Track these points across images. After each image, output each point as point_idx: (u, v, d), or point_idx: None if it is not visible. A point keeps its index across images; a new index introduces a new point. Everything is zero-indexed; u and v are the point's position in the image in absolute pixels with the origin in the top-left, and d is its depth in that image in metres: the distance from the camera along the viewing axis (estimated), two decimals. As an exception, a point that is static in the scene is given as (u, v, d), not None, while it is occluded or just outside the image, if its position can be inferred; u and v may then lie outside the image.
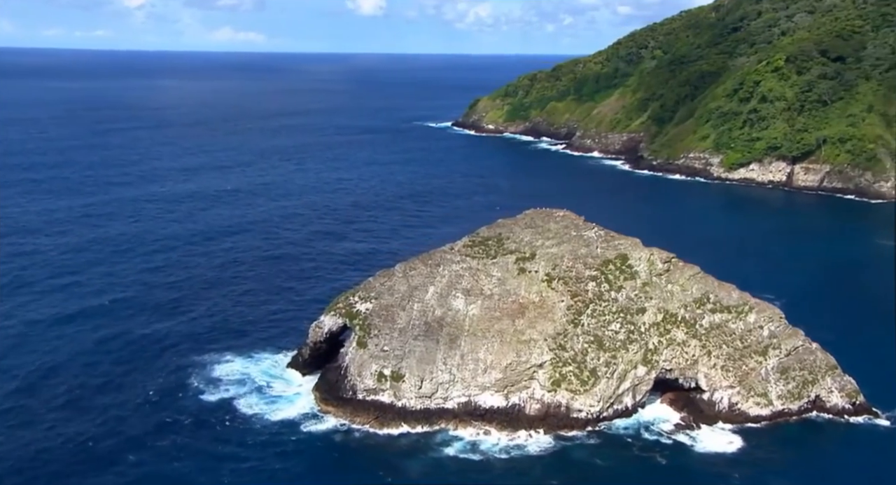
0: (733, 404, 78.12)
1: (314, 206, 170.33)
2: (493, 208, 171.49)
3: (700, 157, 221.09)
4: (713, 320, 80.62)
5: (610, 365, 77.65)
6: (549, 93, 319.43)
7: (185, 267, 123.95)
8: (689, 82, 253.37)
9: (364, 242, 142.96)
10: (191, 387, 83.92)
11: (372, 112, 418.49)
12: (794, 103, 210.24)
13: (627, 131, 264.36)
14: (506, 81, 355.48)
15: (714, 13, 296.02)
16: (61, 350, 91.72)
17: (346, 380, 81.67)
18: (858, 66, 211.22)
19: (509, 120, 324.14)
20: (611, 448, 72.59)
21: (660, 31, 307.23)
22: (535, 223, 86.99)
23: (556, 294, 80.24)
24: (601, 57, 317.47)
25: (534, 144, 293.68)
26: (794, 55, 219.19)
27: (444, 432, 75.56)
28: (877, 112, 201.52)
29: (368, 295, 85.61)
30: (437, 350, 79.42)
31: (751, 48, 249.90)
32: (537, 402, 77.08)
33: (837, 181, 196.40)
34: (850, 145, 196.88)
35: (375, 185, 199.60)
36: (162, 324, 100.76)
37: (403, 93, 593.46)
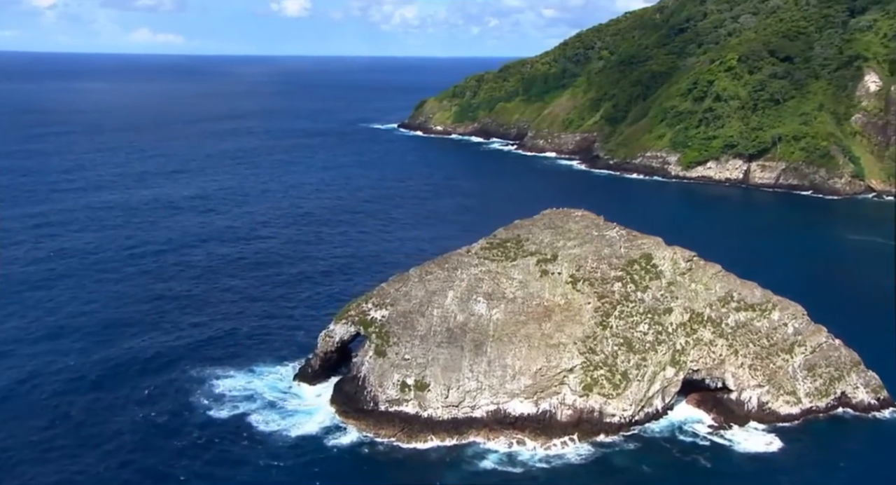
0: (763, 404, 77.42)
1: (282, 211, 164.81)
2: (465, 211, 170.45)
3: (657, 155, 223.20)
4: (738, 319, 79.87)
5: (640, 367, 76.06)
6: (498, 93, 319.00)
7: (161, 278, 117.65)
8: (640, 82, 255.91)
9: (343, 246, 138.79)
10: (196, 405, 78.94)
11: (311, 114, 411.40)
12: (748, 102, 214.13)
13: (580, 131, 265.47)
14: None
15: (658, 14, 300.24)
16: (42, 375, 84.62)
17: (365, 391, 78.06)
18: (807, 65, 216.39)
19: (458, 121, 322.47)
20: (651, 453, 70.93)
21: (606, 32, 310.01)
22: (555, 224, 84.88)
23: (582, 296, 78.25)
24: (548, 57, 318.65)
25: (485, 145, 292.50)
26: (745, 55, 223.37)
27: (475, 443, 72.70)
28: (827, 110, 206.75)
29: (383, 301, 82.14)
30: (463, 357, 76.53)
31: (699, 48, 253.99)
32: (569, 407, 74.90)
33: (793, 178, 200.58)
34: (804, 143, 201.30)
35: (338, 189, 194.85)
36: (148, 341, 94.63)
37: (337, 95, 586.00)
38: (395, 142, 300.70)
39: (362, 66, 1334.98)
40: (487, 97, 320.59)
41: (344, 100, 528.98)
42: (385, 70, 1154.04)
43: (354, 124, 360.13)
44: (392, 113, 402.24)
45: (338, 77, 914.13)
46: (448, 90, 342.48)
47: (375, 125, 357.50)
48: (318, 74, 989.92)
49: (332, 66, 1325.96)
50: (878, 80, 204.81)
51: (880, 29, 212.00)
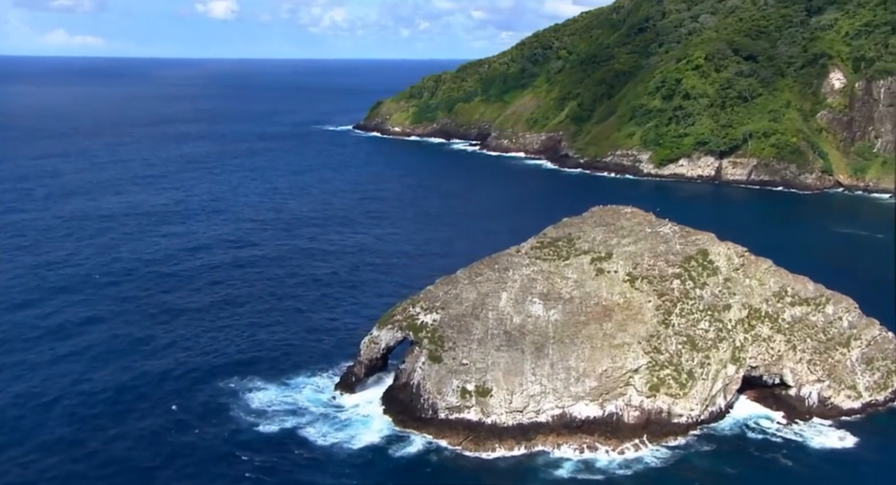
0: (825, 399, 76.86)
1: (268, 220, 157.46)
2: (455, 212, 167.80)
3: (628, 154, 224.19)
4: (794, 314, 79.22)
5: (704, 366, 74.65)
6: (456, 94, 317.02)
7: (161, 291, 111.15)
8: (604, 81, 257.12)
9: (344, 254, 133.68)
10: (240, 422, 74.41)
11: (259, 117, 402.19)
12: (717, 100, 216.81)
13: (546, 131, 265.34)
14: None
15: (615, 14, 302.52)
16: (62, 404, 78.55)
17: (422, 398, 74.76)
18: (772, 64, 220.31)
19: (416, 122, 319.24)
20: (728, 453, 69.48)
21: (563, 32, 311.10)
22: (605, 221, 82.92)
23: (641, 295, 76.45)
24: (506, 57, 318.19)
25: (447, 146, 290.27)
26: (711, 54, 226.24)
27: (544, 449, 70.14)
28: (794, 107, 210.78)
29: (433, 305, 78.91)
30: (524, 360, 73.91)
31: (660, 48, 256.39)
32: (636, 409, 72.99)
33: (764, 174, 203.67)
34: (774, 139, 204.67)
35: (318, 194, 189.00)
36: (165, 358, 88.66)
37: (277, 97, 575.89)
38: (356, 144, 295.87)
39: (293, 69, 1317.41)
40: (446, 97, 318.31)
41: (286, 102, 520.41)
42: (318, 73, 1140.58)
43: (307, 127, 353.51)
44: (342, 115, 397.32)
45: (272, 80, 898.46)
46: (405, 91, 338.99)
47: (329, 127, 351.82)
48: (251, 77, 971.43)
49: (262, 69, 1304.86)
50: (842, 78, 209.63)
51: (842, 28, 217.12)
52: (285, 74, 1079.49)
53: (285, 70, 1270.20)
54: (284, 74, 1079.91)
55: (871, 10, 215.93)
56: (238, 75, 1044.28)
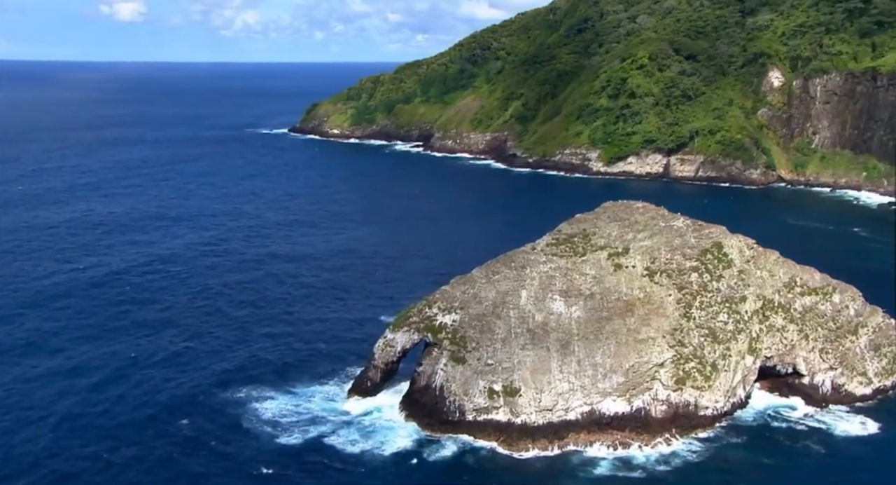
0: (839, 386, 78.44)
1: (232, 226, 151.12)
2: (425, 215, 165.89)
3: (577, 152, 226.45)
4: (804, 304, 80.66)
5: (726, 357, 75.21)
6: (395, 95, 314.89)
7: (139, 304, 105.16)
8: (547, 81, 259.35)
9: (321, 258, 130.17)
10: (258, 434, 71.40)
11: (188, 121, 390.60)
12: (662, 99, 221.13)
13: (491, 131, 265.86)
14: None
15: (552, 15, 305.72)
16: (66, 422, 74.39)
17: (447, 401, 73.03)
18: (713, 63, 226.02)
19: (355, 124, 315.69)
20: (760, 443, 70.05)
21: (501, 33, 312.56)
22: (619, 216, 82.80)
23: (661, 289, 76.54)
24: (444, 58, 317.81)
25: (389, 148, 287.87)
26: (654, 54, 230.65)
27: (577, 449, 69.34)
28: (736, 105, 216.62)
29: (451, 305, 77.29)
30: (550, 358, 73.04)
31: (601, 48, 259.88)
32: (663, 403, 72.93)
33: (711, 170, 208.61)
34: (719, 136, 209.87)
35: (275, 198, 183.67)
36: (159, 371, 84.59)
37: (202, 101, 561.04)
38: (296, 147, 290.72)
39: (208, 72, 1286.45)
40: (385, 99, 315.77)
41: (211, 105, 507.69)
42: (235, 76, 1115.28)
43: (241, 130, 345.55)
44: (274, 118, 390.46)
45: (188, 83, 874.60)
46: (342, 92, 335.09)
47: (263, 130, 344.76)
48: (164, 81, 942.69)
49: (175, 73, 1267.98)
50: (780, 77, 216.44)
51: (778, 28, 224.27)
52: (201, 78, 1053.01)
53: (200, 73, 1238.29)
54: (200, 78, 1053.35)
55: (804, 11, 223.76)
56: (151, 79, 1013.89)
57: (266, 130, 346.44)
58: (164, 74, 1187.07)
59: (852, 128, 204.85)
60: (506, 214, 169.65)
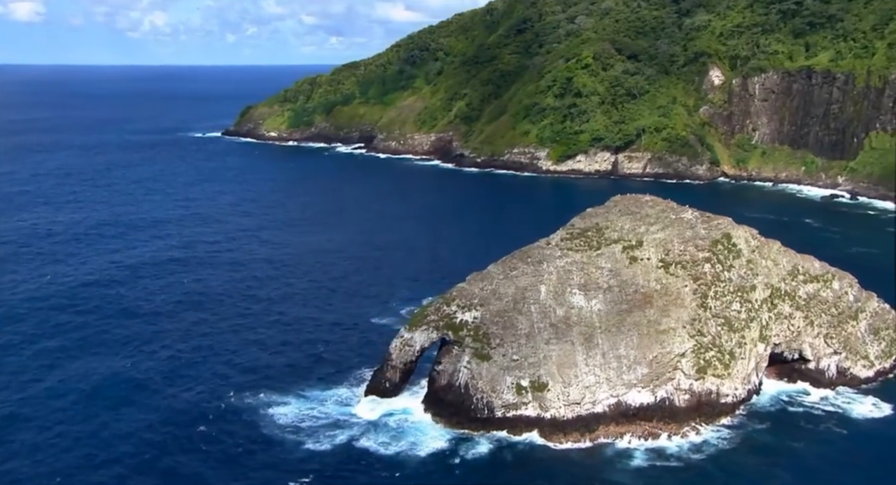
0: (844, 369, 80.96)
1: (199, 232, 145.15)
2: (389, 217, 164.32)
3: (526, 151, 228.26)
4: (808, 291, 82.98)
5: (742, 345, 76.75)
6: (333, 97, 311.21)
7: (119, 315, 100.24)
8: (491, 81, 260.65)
9: (299, 263, 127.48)
10: (282, 441, 69.47)
11: (112, 125, 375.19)
12: (607, 97, 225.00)
13: (435, 131, 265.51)
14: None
15: (489, 16, 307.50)
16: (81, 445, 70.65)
17: (474, 398, 72.35)
18: (654, 62, 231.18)
19: (293, 126, 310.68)
20: (784, 428, 71.66)
21: (438, 34, 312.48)
22: (630, 209, 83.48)
23: (677, 280, 77.55)
24: (382, 59, 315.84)
25: (331, 150, 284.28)
26: (598, 53, 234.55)
27: (609, 441, 69.63)
28: (680, 103, 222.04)
29: (470, 303, 76.64)
30: (575, 352, 73.18)
31: (541, 48, 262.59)
32: (685, 392, 73.87)
33: (659, 167, 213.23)
34: (665, 134, 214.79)
35: (232, 203, 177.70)
36: (160, 382, 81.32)
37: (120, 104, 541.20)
38: (235, 151, 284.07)
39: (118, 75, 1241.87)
40: (323, 101, 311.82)
41: (130, 109, 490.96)
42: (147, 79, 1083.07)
43: (172, 134, 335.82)
44: (203, 121, 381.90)
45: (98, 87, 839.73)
46: (279, 94, 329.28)
47: (195, 134, 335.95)
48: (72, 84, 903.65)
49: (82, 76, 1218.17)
50: (720, 75, 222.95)
51: (716, 28, 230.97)
52: (112, 81, 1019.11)
53: (109, 76, 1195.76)
54: (111, 81, 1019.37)
55: (740, 12, 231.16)
56: (57, 82, 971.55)
57: (198, 133, 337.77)
58: (69, 77, 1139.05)
59: (790, 124, 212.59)
60: (473, 213, 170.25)
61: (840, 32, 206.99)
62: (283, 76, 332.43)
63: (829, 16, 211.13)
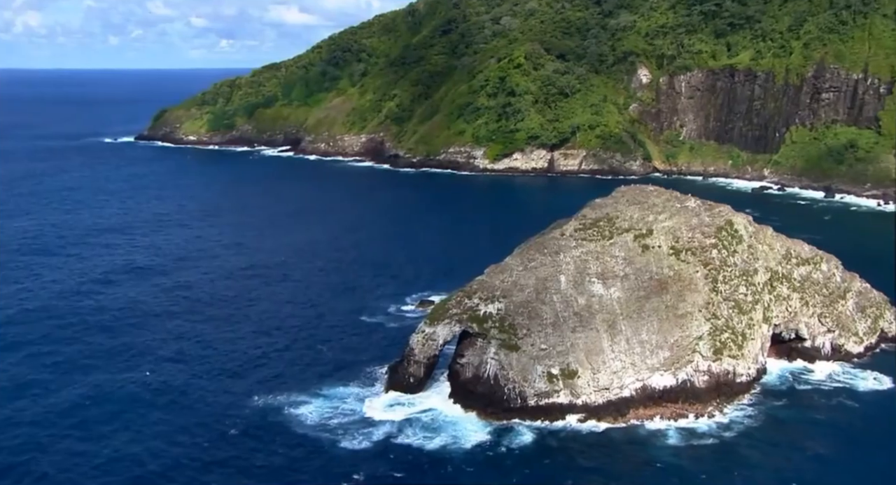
0: (838, 346, 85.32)
1: (160, 242, 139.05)
2: (349, 219, 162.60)
3: (462, 151, 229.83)
4: (801, 273, 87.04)
5: (751, 326, 79.93)
6: (254, 99, 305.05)
7: (102, 329, 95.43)
8: (420, 81, 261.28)
9: (270, 268, 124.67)
10: (317, 439, 68.48)
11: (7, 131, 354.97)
12: (540, 96, 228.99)
13: (365, 133, 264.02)
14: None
15: (410, 17, 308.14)
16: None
17: (506, 388, 72.92)
18: (584, 62, 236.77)
19: (213, 130, 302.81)
20: (801, 404, 74.82)
21: (360, 35, 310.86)
22: (637, 199, 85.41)
23: (688, 266, 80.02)
24: (303, 61, 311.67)
25: (257, 153, 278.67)
26: (528, 53, 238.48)
27: (640, 423, 71.41)
28: (610, 101, 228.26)
29: (492, 295, 77.10)
30: (601, 339, 74.67)
31: (468, 48, 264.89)
32: (704, 373, 76.38)
33: (594, 163, 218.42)
34: (598, 131, 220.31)
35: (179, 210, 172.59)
36: (175, 389, 78.76)
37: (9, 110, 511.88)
38: (157, 156, 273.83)
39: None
40: (244, 103, 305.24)
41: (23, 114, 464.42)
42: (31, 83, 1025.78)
43: (82, 140, 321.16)
44: (111, 126, 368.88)
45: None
46: (196, 97, 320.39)
47: (107, 139, 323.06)
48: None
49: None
50: (648, 74, 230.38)
51: (641, 29, 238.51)
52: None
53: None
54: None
55: (663, 13, 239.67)
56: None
57: (109, 138, 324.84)
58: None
59: (715, 120, 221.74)
60: (426, 212, 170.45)
61: (759, 33, 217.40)
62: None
63: (747, 17, 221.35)
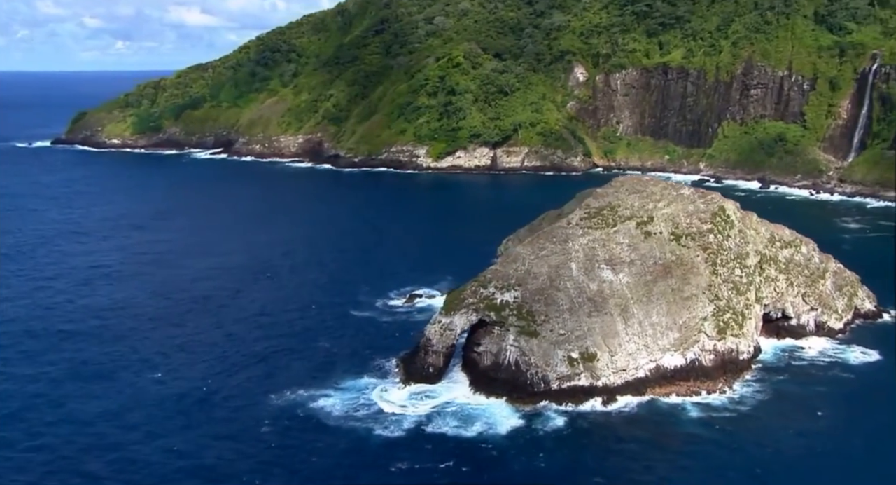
0: (822, 323, 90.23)
1: (119, 248, 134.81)
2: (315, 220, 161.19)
3: (404, 150, 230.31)
4: (785, 255, 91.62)
5: (748, 306, 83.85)
6: (181, 101, 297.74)
7: (91, 343, 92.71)
8: (356, 81, 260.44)
9: (250, 269, 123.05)
10: (350, 429, 69.23)
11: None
12: (480, 95, 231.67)
13: (302, 133, 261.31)
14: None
15: (339, 17, 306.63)
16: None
17: (528, 373, 74.58)
18: (521, 61, 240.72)
19: (139, 133, 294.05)
20: (802, 378, 78.82)
21: (289, 36, 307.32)
22: (636, 189, 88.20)
23: (689, 251, 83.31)
24: (230, 61, 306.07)
25: (187, 156, 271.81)
26: (467, 53, 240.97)
27: (657, 400, 74.23)
28: (549, 99, 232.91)
29: (507, 283, 78.64)
30: (615, 322, 77.12)
31: (402, 48, 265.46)
32: (710, 352, 79.78)
33: (536, 160, 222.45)
34: (539, 128, 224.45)
35: (128, 215, 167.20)
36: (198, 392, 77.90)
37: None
38: (80, 162, 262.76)
39: None
40: (170, 105, 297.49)
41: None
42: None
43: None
44: (21, 130, 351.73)
45: None
46: (118, 99, 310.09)
47: (19, 144, 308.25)
48: None
49: None
50: (584, 72, 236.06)
51: (576, 28, 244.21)
52: None
53: None
54: None
55: (596, 13, 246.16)
56: None
57: (22, 143, 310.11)
58: None
59: (650, 116, 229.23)
60: (379, 211, 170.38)
61: (689, 32, 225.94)
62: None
63: (677, 17, 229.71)
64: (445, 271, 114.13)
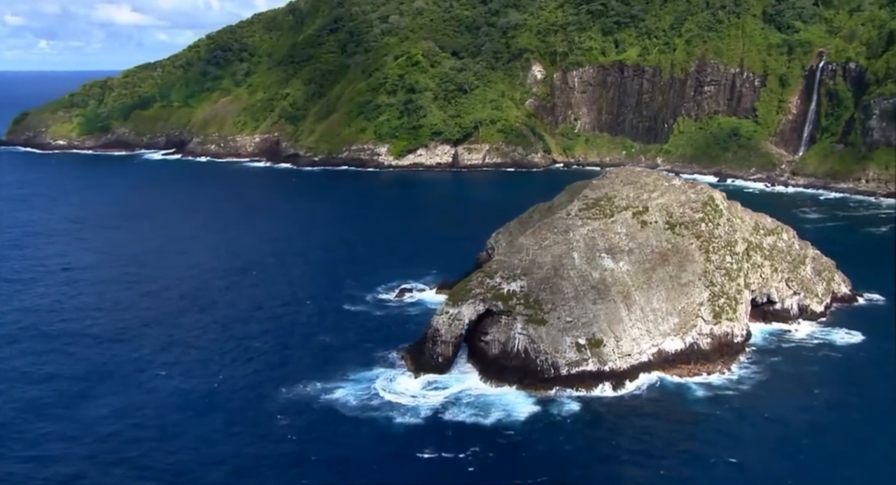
0: (805, 307, 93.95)
1: (102, 252, 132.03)
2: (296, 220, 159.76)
3: (365, 148, 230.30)
4: (769, 242, 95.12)
5: (739, 292, 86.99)
6: (129, 101, 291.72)
7: (89, 345, 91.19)
8: (313, 80, 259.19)
9: (239, 268, 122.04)
10: (369, 418, 69.92)
11: None
12: (440, 93, 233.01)
13: (258, 133, 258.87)
14: None
15: (291, 16, 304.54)
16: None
17: (538, 360, 76.18)
18: (479, 59, 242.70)
19: (86, 133, 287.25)
20: (795, 359, 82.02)
21: (240, 34, 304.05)
22: (631, 180, 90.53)
23: (683, 239, 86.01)
24: (180, 60, 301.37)
25: (138, 157, 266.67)
26: (425, 51, 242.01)
27: (662, 382, 76.67)
28: (508, 97, 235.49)
29: (512, 273, 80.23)
30: (619, 309, 79.30)
31: (358, 47, 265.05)
32: (707, 336, 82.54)
33: (497, 157, 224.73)
34: (500, 125, 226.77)
35: (103, 218, 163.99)
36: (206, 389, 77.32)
37: None
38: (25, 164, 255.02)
39: None
40: (119, 105, 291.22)
41: None
42: None
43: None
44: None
45: None
46: (63, 98, 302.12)
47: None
48: None
49: None
50: (542, 70, 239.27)
51: (533, 27, 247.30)
52: None
53: None
54: None
55: (552, 12, 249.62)
56: None
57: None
58: None
59: (607, 113, 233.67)
60: (346, 209, 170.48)
61: (644, 31, 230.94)
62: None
63: (632, 16, 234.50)
64: (428, 266, 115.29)
